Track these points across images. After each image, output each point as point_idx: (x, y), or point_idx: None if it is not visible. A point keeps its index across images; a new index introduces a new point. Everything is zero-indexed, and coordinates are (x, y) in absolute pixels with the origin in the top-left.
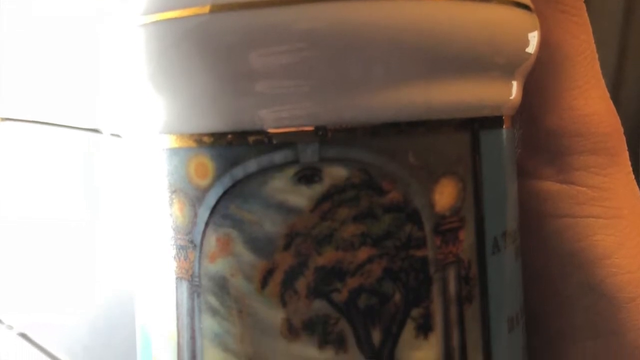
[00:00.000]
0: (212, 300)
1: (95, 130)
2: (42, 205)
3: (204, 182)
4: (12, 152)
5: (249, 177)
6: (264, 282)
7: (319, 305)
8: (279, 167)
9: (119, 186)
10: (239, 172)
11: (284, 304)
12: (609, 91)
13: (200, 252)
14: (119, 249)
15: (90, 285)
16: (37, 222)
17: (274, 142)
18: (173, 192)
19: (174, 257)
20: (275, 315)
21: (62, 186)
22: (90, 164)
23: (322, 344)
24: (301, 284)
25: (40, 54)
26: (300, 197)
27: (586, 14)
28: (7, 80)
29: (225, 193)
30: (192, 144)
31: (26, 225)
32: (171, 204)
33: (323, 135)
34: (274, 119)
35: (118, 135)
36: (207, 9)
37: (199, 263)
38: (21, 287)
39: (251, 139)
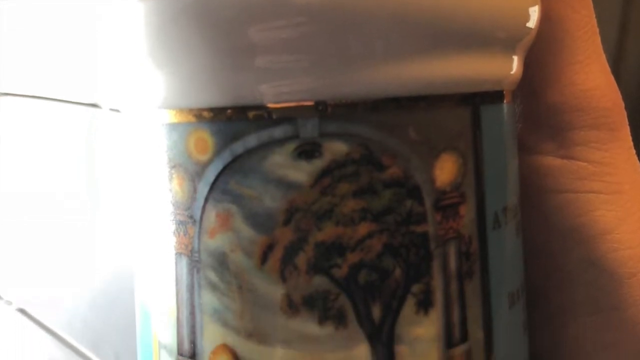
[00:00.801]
0: (212, 276)
1: (95, 105)
2: (41, 181)
3: (203, 157)
4: (12, 127)
5: (248, 152)
6: (264, 258)
7: (319, 281)
8: (279, 142)
9: (118, 162)
10: (238, 147)
11: (283, 279)
12: (610, 66)
13: (200, 227)
14: (118, 225)
15: (90, 261)
16: (36, 197)
17: (274, 117)
18: (172, 167)
19: (174, 233)
20: (275, 291)
21: (62, 161)
22: (90, 139)
23: (322, 319)
24: (301, 260)
25: (40, 28)
26: (300, 173)
27: None
28: (6, 55)
29: (224, 168)
30: (191, 119)
31: (26, 201)
32: (170, 179)
33: (323, 110)
34: (273, 93)
35: (117, 110)
36: None
37: (199, 238)
38: (20, 263)
39: (251, 114)
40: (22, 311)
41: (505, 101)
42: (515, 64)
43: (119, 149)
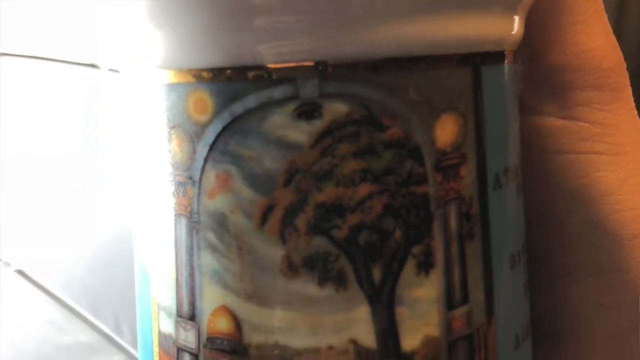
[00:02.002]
0: (211, 237)
1: (93, 66)
2: (40, 141)
3: (203, 118)
4: (10, 88)
5: (248, 113)
6: (264, 219)
7: (319, 242)
8: (279, 102)
9: (117, 122)
10: (238, 107)
11: (283, 241)
12: (612, 26)
13: (199, 188)
14: (118, 186)
15: (89, 223)
16: (35, 158)
17: (274, 77)
18: (171, 127)
19: (173, 194)
20: (275, 253)
21: (61, 122)
22: (89, 99)
23: (322, 281)
24: (301, 221)
25: None
26: (300, 133)
27: None
28: (5, 15)
29: (224, 129)
30: (190, 79)
31: (25, 162)
32: (170, 140)
33: (323, 70)
34: (273, 54)
35: (116, 71)
36: None
37: (198, 200)
38: (19, 224)
39: (250, 74)
40: (21, 272)
41: (506, 62)
42: (516, 24)
43: (118, 109)
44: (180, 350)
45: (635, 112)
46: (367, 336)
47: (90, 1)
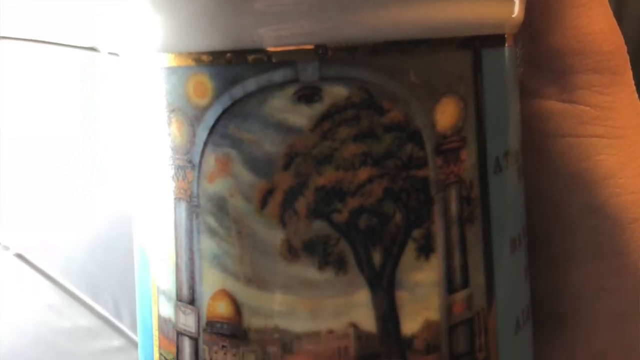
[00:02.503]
0: (211, 221)
1: (93, 49)
2: (40, 125)
3: (202, 102)
4: (10, 71)
5: (248, 96)
6: (264, 203)
7: (319, 226)
8: (279, 86)
9: (116, 106)
10: (238, 91)
11: (283, 224)
12: (612, 10)
13: (199, 172)
14: (117, 170)
15: (89, 206)
16: (35, 141)
17: (274, 60)
18: (171, 111)
19: (172, 177)
20: (275, 236)
21: (60, 105)
22: (89, 83)
23: (322, 264)
24: (301, 204)
25: None
26: (300, 117)
27: None
28: None
29: (224, 112)
30: (190, 62)
31: (24, 145)
32: (169, 124)
33: (323, 53)
34: (273, 37)
35: (116, 54)
36: None
37: (198, 183)
38: (18, 208)
39: (250, 57)
40: (20, 256)
41: (506, 45)
42: (517, 7)
43: (117, 93)
44: (180, 334)
45: (636, 95)
46: (367, 320)
47: None
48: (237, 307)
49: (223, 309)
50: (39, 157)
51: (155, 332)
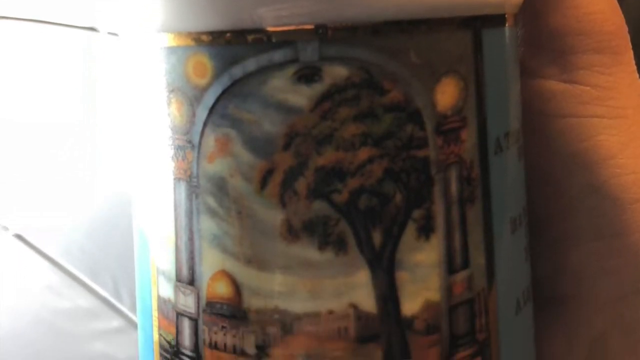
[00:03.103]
0: (211, 201)
1: (92, 29)
2: (39, 105)
3: (202, 82)
4: (9, 51)
5: (248, 77)
6: (263, 183)
7: (319, 206)
8: (279, 66)
9: (116, 86)
10: (237, 71)
11: (283, 204)
12: None
13: (199, 152)
14: (117, 150)
15: (88, 187)
16: (34, 122)
17: (274, 40)
18: (171, 91)
19: (172, 158)
20: (275, 217)
21: (59, 86)
22: (88, 63)
23: (322, 245)
24: (301, 185)
25: None
26: (300, 97)
27: None
28: None
29: (223, 92)
30: (190, 42)
31: (23, 126)
32: (169, 104)
33: (323, 33)
34: (273, 17)
35: (115, 34)
36: None
37: (197, 163)
38: (17, 188)
39: (250, 37)
40: (19, 237)
41: (507, 25)
42: None
43: (116, 73)
44: (179, 314)
45: (637, 75)
46: (367, 301)
47: None
48: (236, 287)
49: (223, 289)
50: (38, 137)
51: (155, 313)
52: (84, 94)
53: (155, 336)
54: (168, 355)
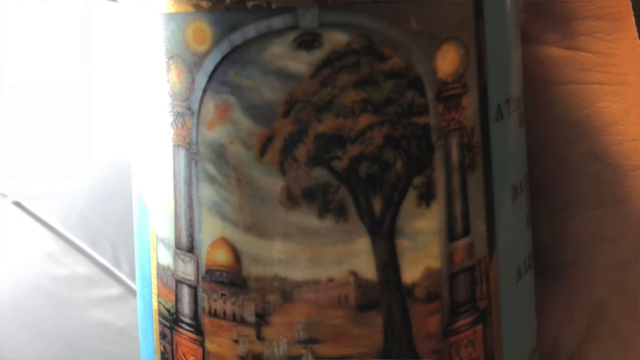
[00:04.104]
0: (210, 168)
1: None
2: (38, 71)
3: (201, 48)
4: (8, 17)
5: (247, 43)
6: (263, 150)
7: (319, 173)
8: (278, 32)
9: (115, 52)
10: (237, 37)
11: (283, 172)
12: None
13: (198, 119)
14: (116, 117)
15: (87, 154)
16: (32, 88)
17: (273, 6)
18: (170, 58)
19: (171, 124)
20: (275, 184)
21: (58, 51)
22: (87, 29)
23: (322, 212)
24: (301, 152)
25: None
26: (300, 63)
27: None
28: None
29: (223, 59)
30: (189, 8)
31: (21, 92)
32: (168, 70)
33: None
34: None
35: (114, 0)
36: None
37: (197, 130)
38: (16, 154)
39: (250, 3)
40: (18, 204)
41: None
42: None
43: (116, 39)
44: (178, 282)
45: (639, 41)
46: (367, 268)
47: None
48: (236, 255)
49: (222, 257)
50: (37, 103)
51: (154, 280)
52: (83, 59)
53: (155, 304)
54: (167, 323)
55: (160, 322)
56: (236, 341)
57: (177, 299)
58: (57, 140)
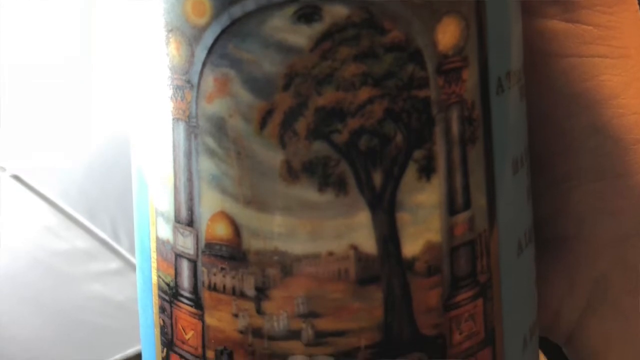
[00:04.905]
0: (210, 142)
1: None
2: (36, 45)
3: (201, 21)
4: None
5: (247, 16)
6: (263, 123)
7: (319, 147)
8: (278, 5)
9: (115, 25)
10: (237, 10)
11: (283, 145)
12: None
13: (198, 92)
14: (115, 90)
15: (86, 127)
16: (32, 62)
17: None
18: (169, 31)
19: (171, 98)
20: (275, 157)
21: (57, 25)
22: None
23: (322, 186)
24: (301, 125)
25: None
26: (300, 36)
27: None
28: None
29: (223, 32)
30: None
31: (21, 66)
32: (168, 43)
33: None
34: None
35: None
36: None
37: (196, 104)
38: (15, 128)
39: None
40: (16, 178)
41: None
42: None
43: (115, 12)
44: (178, 256)
45: None
46: (367, 242)
47: None
48: (236, 228)
49: (222, 230)
50: (36, 78)
51: (153, 254)
52: (82, 34)
53: (154, 278)
54: (167, 297)
55: (159, 296)
56: (236, 315)
57: (177, 273)
58: (57, 114)
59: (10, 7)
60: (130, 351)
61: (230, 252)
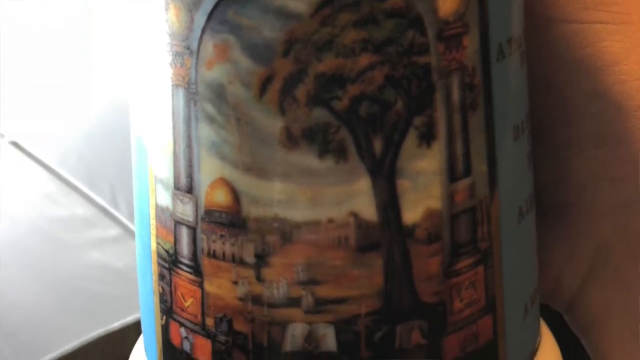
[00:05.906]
0: (209, 108)
1: None
2: (36, 10)
3: None
4: None
5: None
6: (263, 89)
7: (319, 113)
8: None
9: None
10: None
11: (283, 111)
12: None
13: (197, 58)
14: (115, 57)
15: (85, 94)
16: (30, 27)
17: None
18: None
19: (170, 64)
20: (274, 124)
21: None
22: None
23: (322, 152)
24: (301, 92)
25: None
26: (300, 2)
27: None
28: None
29: None
30: None
31: (19, 31)
32: (167, 9)
33: None
34: None
35: None
36: None
37: (196, 70)
38: (13, 94)
39: None
40: (15, 144)
41: None
42: None
43: None
44: (177, 223)
45: None
46: (367, 209)
47: None
48: (235, 195)
49: (221, 197)
50: (35, 44)
51: (153, 221)
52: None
53: (153, 245)
54: (166, 264)
55: (158, 263)
56: (235, 282)
57: (176, 240)
58: (56, 81)
59: None
60: (130, 319)
61: (230, 219)
